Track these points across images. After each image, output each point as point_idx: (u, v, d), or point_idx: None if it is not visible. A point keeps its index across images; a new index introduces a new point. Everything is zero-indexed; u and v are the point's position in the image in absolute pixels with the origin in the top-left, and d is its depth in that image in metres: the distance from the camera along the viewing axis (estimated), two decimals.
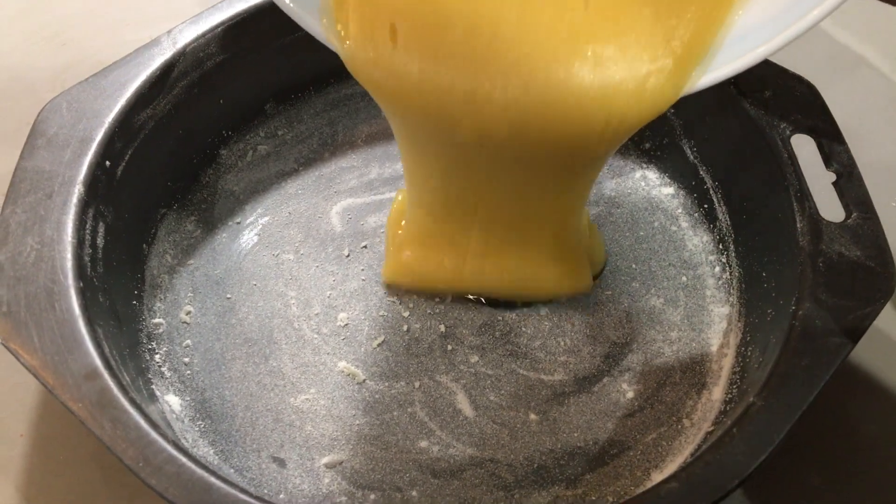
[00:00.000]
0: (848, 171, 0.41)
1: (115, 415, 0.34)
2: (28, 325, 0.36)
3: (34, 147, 0.41)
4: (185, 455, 0.33)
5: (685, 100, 0.47)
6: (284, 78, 0.52)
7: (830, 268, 0.38)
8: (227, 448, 0.41)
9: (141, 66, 0.44)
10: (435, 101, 0.36)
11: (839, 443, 0.43)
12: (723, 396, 0.42)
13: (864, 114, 0.56)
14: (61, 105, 0.42)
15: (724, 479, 0.33)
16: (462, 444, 0.41)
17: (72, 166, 0.41)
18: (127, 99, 0.43)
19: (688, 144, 0.49)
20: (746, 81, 0.44)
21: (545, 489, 0.40)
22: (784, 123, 0.43)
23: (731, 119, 0.45)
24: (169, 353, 0.44)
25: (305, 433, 0.41)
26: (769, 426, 0.34)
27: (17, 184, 0.40)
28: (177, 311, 0.45)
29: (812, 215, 0.40)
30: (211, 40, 0.46)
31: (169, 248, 0.47)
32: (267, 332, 0.45)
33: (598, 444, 0.41)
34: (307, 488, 0.40)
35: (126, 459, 0.33)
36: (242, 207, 0.50)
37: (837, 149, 0.42)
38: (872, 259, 0.38)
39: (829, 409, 0.42)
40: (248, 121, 0.52)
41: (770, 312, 0.41)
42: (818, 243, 0.39)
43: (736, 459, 0.33)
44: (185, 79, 0.46)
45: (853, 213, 0.40)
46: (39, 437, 0.42)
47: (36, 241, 0.38)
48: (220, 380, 0.43)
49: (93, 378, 0.35)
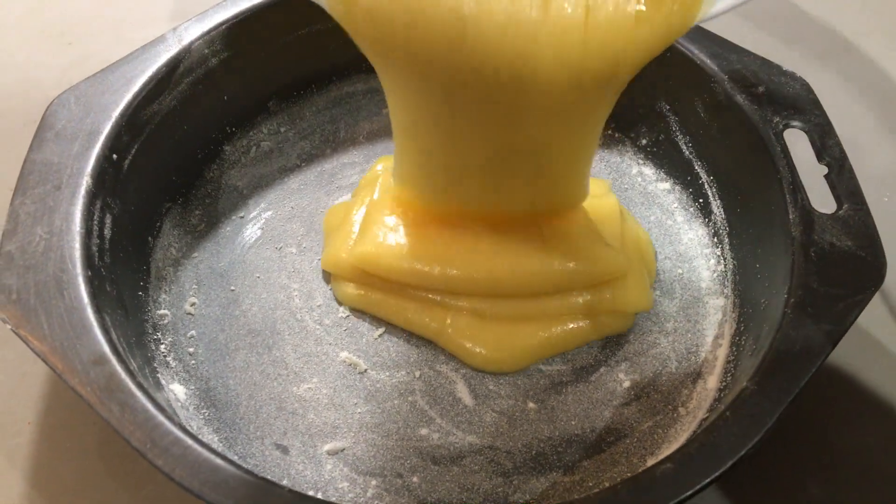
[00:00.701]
0: (839, 164, 0.42)
1: (122, 399, 0.34)
2: (37, 312, 0.36)
3: (43, 140, 0.42)
4: (191, 437, 0.33)
5: (681, 96, 0.48)
6: (287, 75, 0.53)
7: (822, 257, 0.39)
8: (231, 435, 0.41)
9: (147, 63, 0.45)
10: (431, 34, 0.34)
11: (818, 444, 0.43)
12: (717, 385, 0.43)
13: (860, 111, 0.57)
14: (69, 99, 0.43)
15: (718, 459, 0.33)
16: (462, 432, 0.42)
17: (80, 159, 0.41)
18: (133, 94, 0.44)
19: (683, 141, 0.50)
20: (741, 77, 0.45)
21: (543, 475, 0.41)
22: (777, 118, 0.44)
23: (726, 114, 0.46)
24: (174, 343, 0.44)
25: (308, 421, 0.42)
26: (761, 409, 0.35)
27: (26, 175, 0.41)
28: (182, 302, 0.46)
29: (804, 207, 0.41)
30: (216, 38, 0.47)
31: (174, 241, 0.48)
32: (270, 324, 0.45)
33: (595, 432, 0.42)
34: (310, 475, 0.40)
35: (134, 441, 0.33)
36: (246, 202, 0.50)
37: (829, 142, 0.43)
38: (863, 249, 0.39)
39: (807, 412, 0.43)
40: (251, 117, 0.53)
41: (763, 302, 0.41)
42: (810, 234, 0.40)
43: (729, 441, 0.34)
44: (190, 75, 0.47)
45: (844, 204, 0.41)
46: (47, 425, 0.43)
47: (45, 230, 0.39)
48: (225, 369, 0.44)
49: (101, 363, 0.35)
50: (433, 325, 0.44)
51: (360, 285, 0.46)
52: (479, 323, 0.44)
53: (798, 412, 0.38)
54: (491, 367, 0.44)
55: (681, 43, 0.47)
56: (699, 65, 0.46)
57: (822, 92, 0.45)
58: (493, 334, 0.44)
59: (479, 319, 0.44)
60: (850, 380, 0.45)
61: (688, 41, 0.47)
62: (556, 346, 0.44)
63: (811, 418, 0.43)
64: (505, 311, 0.44)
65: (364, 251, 0.44)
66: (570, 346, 0.45)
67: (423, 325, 0.45)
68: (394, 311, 0.45)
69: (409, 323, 0.45)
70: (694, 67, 0.47)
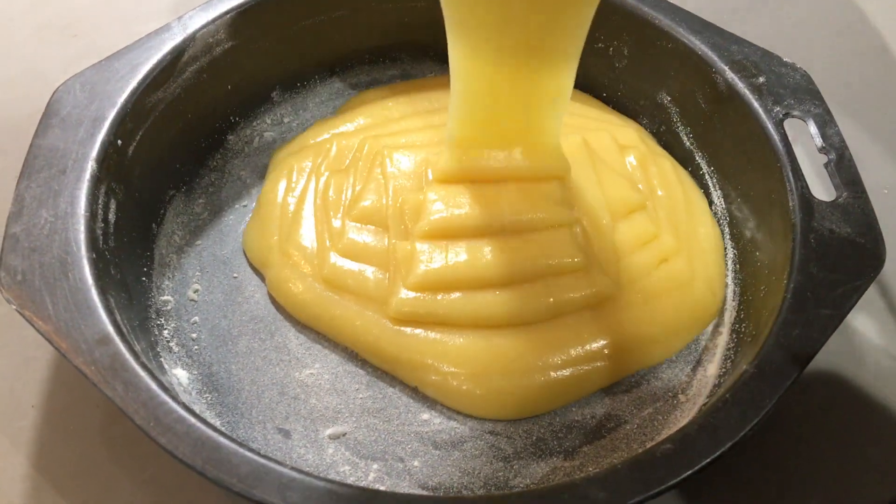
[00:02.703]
0: (839, 153, 0.43)
1: (126, 378, 0.35)
2: (42, 293, 0.37)
3: (48, 126, 0.42)
4: (194, 416, 0.34)
5: (682, 87, 0.49)
6: (291, 65, 0.53)
7: (822, 244, 0.39)
8: (234, 420, 0.42)
9: (152, 50, 0.45)
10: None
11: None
12: (717, 372, 0.43)
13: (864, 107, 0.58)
14: (74, 86, 0.44)
15: (718, 441, 0.34)
16: (462, 417, 0.42)
17: (85, 144, 0.42)
18: (138, 81, 0.44)
19: (684, 132, 0.50)
20: (742, 68, 0.46)
21: (543, 460, 0.41)
22: (777, 108, 0.44)
23: (727, 105, 0.46)
24: (177, 328, 0.45)
25: (310, 406, 0.42)
26: (761, 393, 0.35)
27: (31, 160, 0.41)
28: (185, 288, 0.46)
29: (804, 194, 0.41)
30: (220, 27, 0.48)
31: (177, 228, 0.48)
32: (272, 310, 0.46)
33: (595, 418, 0.42)
34: (311, 458, 0.41)
35: (137, 420, 0.33)
36: (249, 191, 0.51)
37: (829, 132, 0.43)
38: (862, 236, 0.40)
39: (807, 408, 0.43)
40: (254, 107, 0.53)
41: (763, 289, 0.42)
42: (810, 221, 0.40)
43: (729, 423, 0.34)
44: (194, 64, 0.47)
45: (844, 192, 0.41)
46: (50, 408, 0.43)
47: (50, 213, 0.39)
48: (227, 355, 0.44)
49: (105, 343, 0.36)
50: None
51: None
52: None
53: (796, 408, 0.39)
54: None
55: (682, 34, 0.47)
56: (700, 55, 0.47)
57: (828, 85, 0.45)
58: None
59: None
60: (850, 376, 0.45)
61: (689, 32, 0.47)
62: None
63: (809, 416, 0.43)
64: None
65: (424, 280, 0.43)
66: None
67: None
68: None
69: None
70: (695, 58, 0.47)
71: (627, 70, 0.52)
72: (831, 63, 0.60)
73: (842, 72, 0.60)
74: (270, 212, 0.47)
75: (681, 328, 0.44)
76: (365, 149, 0.48)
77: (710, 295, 0.45)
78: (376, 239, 0.45)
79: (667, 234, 0.46)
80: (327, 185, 0.47)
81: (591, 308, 0.43)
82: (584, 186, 0.46)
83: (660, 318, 0.43)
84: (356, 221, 0.45)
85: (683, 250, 0.46)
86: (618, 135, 0.50)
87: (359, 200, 0.46)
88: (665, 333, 0.43)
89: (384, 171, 0.46)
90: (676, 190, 0.48)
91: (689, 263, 0.45)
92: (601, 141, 0.49)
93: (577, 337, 0.42)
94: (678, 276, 0.45)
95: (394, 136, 0.49)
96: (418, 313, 0.42)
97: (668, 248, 0.45)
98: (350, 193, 0.46)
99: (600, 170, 0.47)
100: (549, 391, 0.42)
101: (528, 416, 0.42)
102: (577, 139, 0.48)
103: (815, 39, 0.62)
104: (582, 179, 0.46)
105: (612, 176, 0.47)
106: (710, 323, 0.45)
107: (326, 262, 0.44)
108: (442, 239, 0.43)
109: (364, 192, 0.46)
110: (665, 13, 0.48)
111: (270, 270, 0.46)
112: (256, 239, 0.47)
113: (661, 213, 0.47)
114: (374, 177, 0.46)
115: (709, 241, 0.47)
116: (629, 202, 0.46)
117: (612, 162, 0.48)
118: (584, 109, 0.53)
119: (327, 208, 0.46)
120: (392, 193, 0.45)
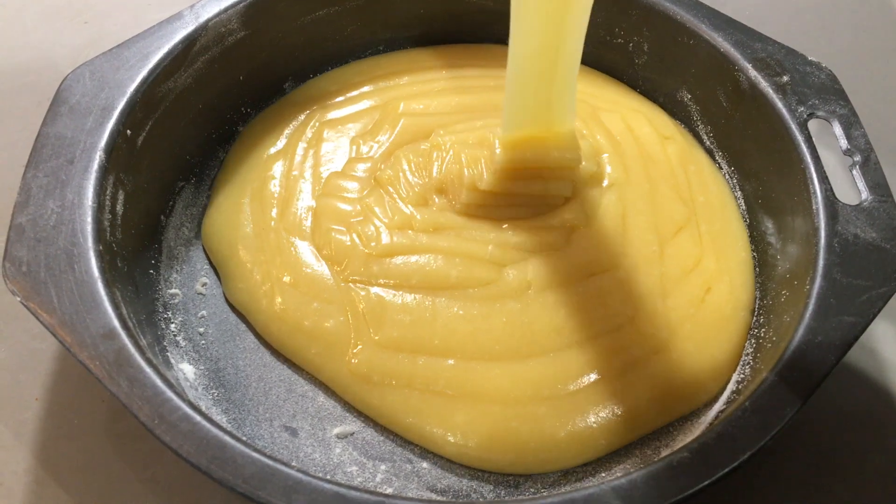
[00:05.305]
0: (865, 156, 0.41)
1: (131, 374, 0.34)
2: (47, 285, 0.36)
3: (57, 114, 0.41)
4: (199, 414, 0.33)
5: (703, 85, 0.48)
6: (304, 57, 0.52)
7: (846, 248, 0.38)
8: (240, 416, 0.41)
9: (163, 39, 0.45)
10: None
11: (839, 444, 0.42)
12: (736, 378, 0.42)
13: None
14: (84, 74, 0.43)
15: (736, 451, 0.33)
16: None
17: (93, 133, 0.41)
18: (149, 70, 0.43)
19: (704, 130, 0.49)
20: (765, 66, 0.44)
21: None
22: (802, 108, 0.43)
23: (749, 103, 0.45)
24: (184, 322, 0.44)
25: (318, 404, 0.42)
26: (781, 401, 0.34)
27: (39, 149, 0.40)
28: (193, 282, 0.46)
29: (828, 197, 0.40)
30: (233, 16, 0.47)
31: (186, 220, 0.47)
32: None
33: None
34: (318, 458, 0.40)
35: (142, 417, 0.33)
36: None
37: (855, 133, 0.42)
38: (888, 241, 0.38)
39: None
40: (266, 98, 0.52)
41: (784, 294, 0.41)
42: (834, 224, 0.39)
43: (748, 433, 0.33)
44: (206, 53, 0.46)
45: (869, 195, 0.40)
46: (54, 402, 0.42)
47: (57, 204, 0.39)
48: (234, 350, 0.43)
49: (110, 338, 0.35)
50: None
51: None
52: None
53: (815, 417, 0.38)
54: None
55: (704, 30, 0.46)
56: (723, 52, 0.46)
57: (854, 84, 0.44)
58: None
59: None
60: (871, 385, 0.44)
61: (711, 29, 0.46)
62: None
63: (827, 417, 0.42)
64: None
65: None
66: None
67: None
68: None
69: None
70: (717, 55, 0.46)
71: (647, 66, 0.51)
72: (857, 62, 0.59)
73: (868, 71, 0.58)
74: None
75: (725, 366, 0.41)
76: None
77: (749, 316, 0.43)
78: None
79: (709, 255, 0.43)
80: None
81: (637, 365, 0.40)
82: (631, 200, 0.43)
83: (708, 363, 0.41)
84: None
85: (724, 273, 0.43)
86: (654, 120, 0.47)
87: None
88: (714, 378, 0.41)
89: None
90: (714, 194, 0.46)
91: (732, 289, 0.43)
92: (641, 127, 0.46)
93: (619, 402, 0.40)
94: (723, 308, 0.42)
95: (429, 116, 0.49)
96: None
97: (712, 273, 0.43)
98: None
99: (653, 175, 0.44)
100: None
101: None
102: (617, 120, 0.44)
103: (840, 37, 0.61)
104: (633, 187, 0.43)
105: (663, 186, 0.44)
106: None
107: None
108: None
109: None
110: (687, 8, 0.47)
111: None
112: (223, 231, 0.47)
113: (703, 226, 0.44)
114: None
115: (743, 253, 0.45)
116: (678, 220, 0.44)
117: (657, 159, 0.45)
118: (604, 91, 0.50)
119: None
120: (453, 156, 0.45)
